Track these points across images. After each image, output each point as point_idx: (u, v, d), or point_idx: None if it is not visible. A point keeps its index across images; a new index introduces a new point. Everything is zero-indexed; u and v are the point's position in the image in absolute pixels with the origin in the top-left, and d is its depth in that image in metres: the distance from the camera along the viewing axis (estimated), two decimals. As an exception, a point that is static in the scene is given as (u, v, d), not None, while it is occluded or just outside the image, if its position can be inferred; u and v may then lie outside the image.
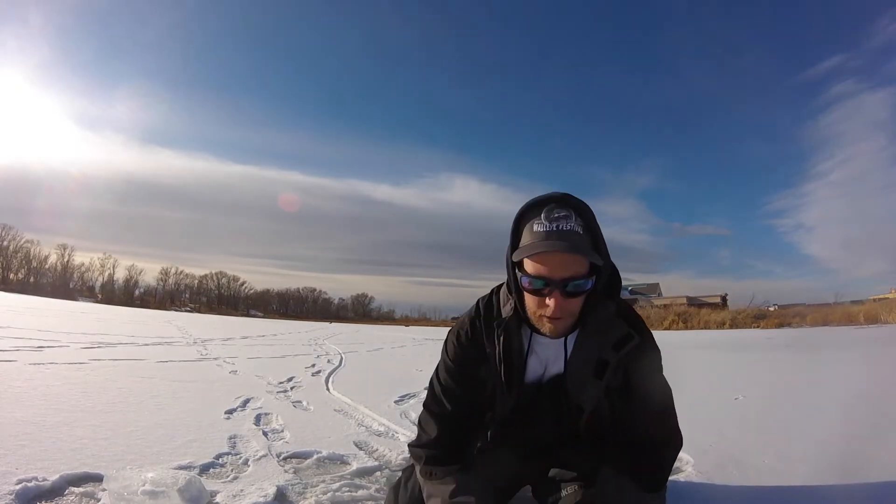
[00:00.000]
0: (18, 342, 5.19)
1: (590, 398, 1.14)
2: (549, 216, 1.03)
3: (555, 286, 1.02)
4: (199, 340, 8.16)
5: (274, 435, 2.19)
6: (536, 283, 1.04)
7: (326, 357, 6.43)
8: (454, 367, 1.24)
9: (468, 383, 1.23)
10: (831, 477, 1.61)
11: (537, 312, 1.08)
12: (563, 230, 1.02)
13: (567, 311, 1.05)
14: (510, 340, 1.17)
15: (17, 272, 67.27)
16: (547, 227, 1.02)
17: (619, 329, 1.13)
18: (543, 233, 1.02)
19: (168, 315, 27.09)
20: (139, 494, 1.32)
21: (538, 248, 1.01)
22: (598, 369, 1.12)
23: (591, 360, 1.13)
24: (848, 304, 21.65)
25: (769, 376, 4.78)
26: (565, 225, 1.02)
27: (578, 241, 1.02)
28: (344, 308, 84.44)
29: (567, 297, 1.03)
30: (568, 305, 1.04)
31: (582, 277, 1.03)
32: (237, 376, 4.11)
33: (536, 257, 1.02)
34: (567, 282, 1.02)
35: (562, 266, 1.01)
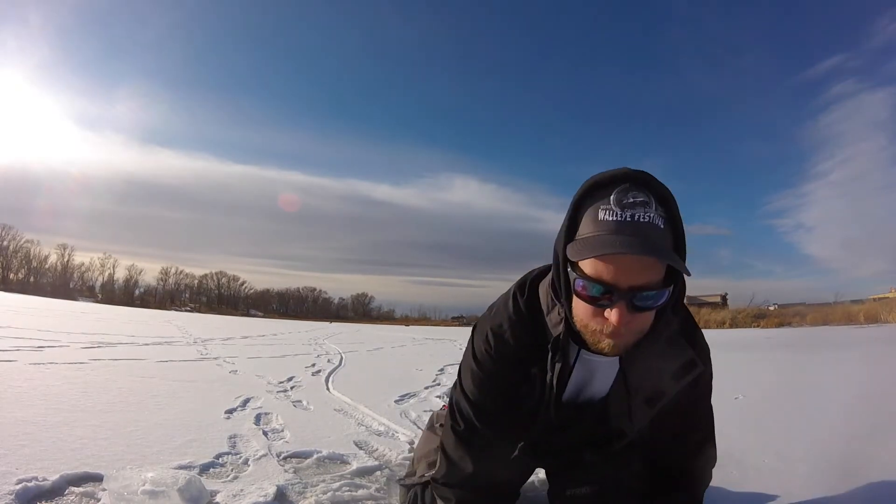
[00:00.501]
0: (18, 342, 5.19)
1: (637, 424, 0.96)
2: (622, 201, 0.77)
3: (620, 296, 0.77)
4: (199, 340, 8.16)
5: (274, 434, 2.19)
6: (595, 288, 0.78)
7: (326, 357, 6.43)
8: (489, 382, 1.00)
9: (507, 402, 1.00)
10: (831, 477, 1.61)
11: (591, 326, 0.82)
12: (640, 222, 0.76)
13: (632, 329, 0.81)
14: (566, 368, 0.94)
15: (17, 272, 67.31)
16: (619, 215, 0.76)
17: (682, 354, 0.92)
18: (613, 223, 0.76)
19: (168, 315, 27.09)
20: (139, 494, 1.32)
21: (606, 247, 0.75)
22: (652, 398, 0.93)
23: (646, 387, 0.93)
24: (848, 304, 21.62)
25: (769, 376, 4.78)
26: (643, 215, 0.76)
27: (659, 239, 0.76)
28: (344, 308, 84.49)
29: (634, 311, 0.78)
30: (634, 322, 0.80)
31: (656, 287, 0.78)
32: (237, 376, 4.11)
33: (598, 260, 0.77)
34: (637, 292, 0.77)
35: (633, 271, 0.76)
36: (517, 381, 0.98)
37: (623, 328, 0.79)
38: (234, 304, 78.41)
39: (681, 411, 0.97)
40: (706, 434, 1.08)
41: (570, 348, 0.94)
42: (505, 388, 1.00)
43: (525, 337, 0.97)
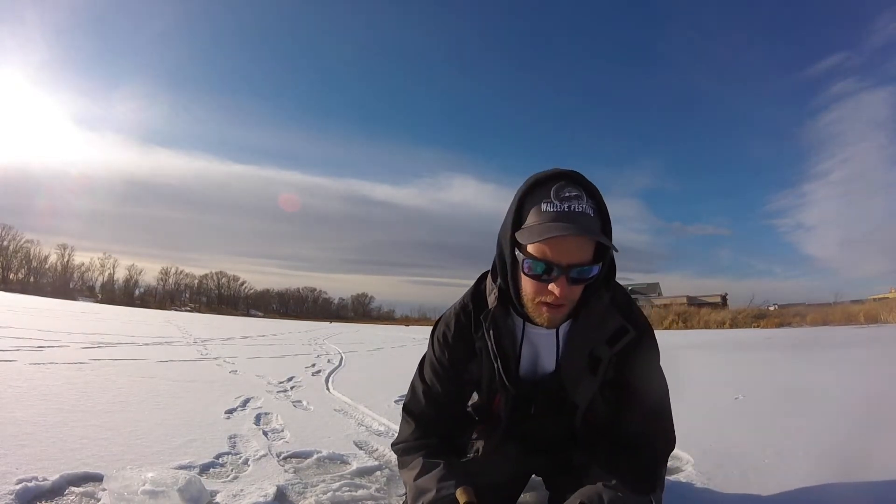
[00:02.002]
0: (18, 342, 5.19)
1: (584, 394, 1.08)
2: (560, 195, 0.94)
3: (560, 272, 0.94)
4: (199, 340, 8.16)
5: (274, 435, 2.18)
6: (539, 266, 0.95)
7: (326, 357, 6.43)
8: (440, 366, 1.17)
9: (455, 383, 1.17)
10: (831, 477, 1.61)
11: (536, 299, 0.99)
12: (575, 211, 0.93)
13: (569, 299, 0.99)
14: (500, 332, 1.09)
15: (17, 272, 67.34)
16: (558, 207, 0.94)
17: (614, 322, 1.05)
18: (554, 213, 0.94)
19: (168, 315, 27.10)
20: (139, 494, 1.32)
21: (551, 231, 0.92)
22: (592, 364, 1.06)
23: (584, 354, 1.06)
24: (848, 304, 21.63)
25: (769, 376, 4.78)
26: (577, 206, 0.94)
27: (591, 224, 0.94)
28: (344, 308, 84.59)
29: (572, 283, 0.96)
30: (571, 293, 0.97)
31: (588, 263, 0.96)
32: (237, 376, 4.11)
33: (542, 244, 0.94)
34: (573, 268, 0.94)
35: (570, 251, 0.94)
36: (465, 361, 1.15)
37: (562, 298, 0.97)
38: (234, 304, 78.44)
39: (626, 381, 1.09)
40: (658, 406, 1.11)
41: (513, 321, 1.10)
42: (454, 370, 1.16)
43: (468, 320, 1.13)
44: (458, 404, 1.20)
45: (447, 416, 1.19)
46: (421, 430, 1.18)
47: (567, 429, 1.15)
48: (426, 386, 1.19)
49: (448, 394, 1.18)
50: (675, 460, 1.87)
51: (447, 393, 1.17)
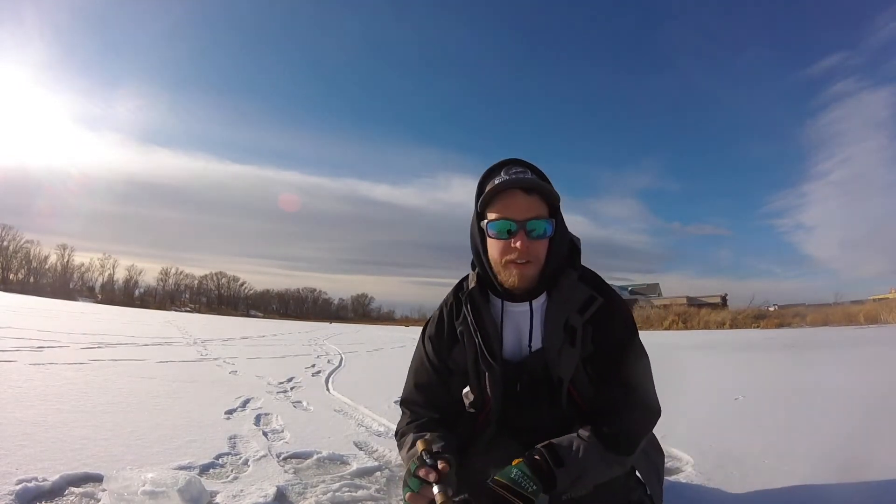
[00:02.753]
0: (18, 342, 5.19)
1: (566, 367, 1.10)
2: (508, 171, 1.12)
3: (519, 226, 1.08)
4: (199, 341, 8.16)
5: (274, 435, 2.19)
6: (501, 225, 1.09)
7: (326, 357, 6.43)
8: (425, 356, 1.25)
9: (441, 371, 1.23)
10: (831, 477, 1.61)
11: (503, 259, 1.10)
12: (522, 178, 1.10)
13: (533, 255, 1.09)
14: (479, 311, 1.16)
15: (17, 272, 67.35)
16: (506, 178, 1.10)
17: (582, 293, 1.13)
18: (502, 182, 1.09)
19: (168, 315, 27.10)
20: (139, 494, 1.32)
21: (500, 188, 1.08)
22: (569, 336, 1.10)
23: (560, 327, 1.11)
24: (848, 304, 21.60)
25: (769, 376, 4.78)
26: (523, 176, 1.11)
27: (537, 185, 1.09)
28: (344, 308, 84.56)
29: (532, 238, 1.08)
30: (533, 248, 1.08)
31: (544, 218, 1.09)
32: (237, 376, 4.11)
33: (499, 205, 1.09)
34: (530, 221, 1.08)
35: (522, 207, 1.08)
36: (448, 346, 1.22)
37: (525, 254, 1.07)
38: (234, 304, 78.43)
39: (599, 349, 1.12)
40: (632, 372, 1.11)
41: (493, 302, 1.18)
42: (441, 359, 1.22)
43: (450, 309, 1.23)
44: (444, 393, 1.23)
45: (437, 403, 1.23)
46: (414, 416, 1.24)
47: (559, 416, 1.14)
48: (415, 376, 1.27)
49: (433, 382, 1.23)
50: (675, 460, 1.88)
51: (432, 382, 1.23)
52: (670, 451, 1.93)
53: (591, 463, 1.00)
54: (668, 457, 1.88)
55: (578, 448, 1.00)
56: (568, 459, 0.98)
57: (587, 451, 1.00)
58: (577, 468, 0.98)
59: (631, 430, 1.07)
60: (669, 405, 1.17)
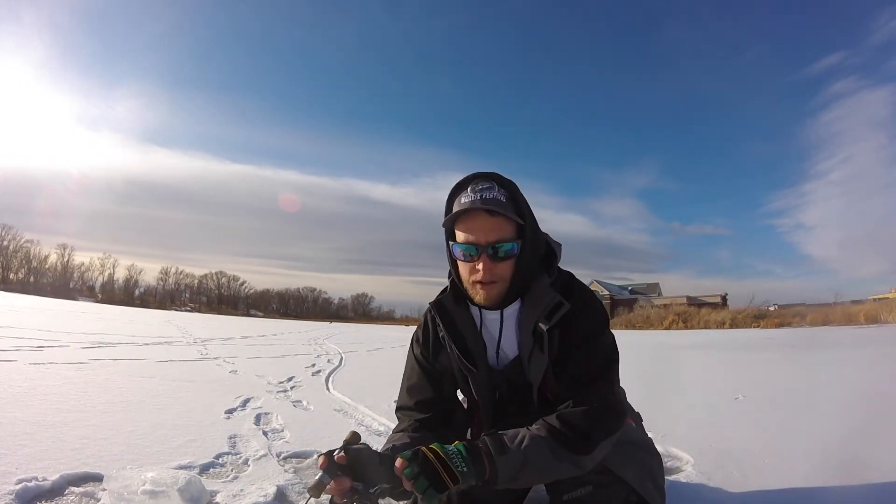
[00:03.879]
0: (18, 342, 5.19)
1: (536, 372, 1.11)
2: (474, 189, 1.09)
3: (482, 250, 1.08)
4: (199, 340, 8.17)
5: (274, 435, 2.19)
6: (465, 249, 1.09)
7: (326, 357, 6.43)
8: (415, 360, 1.28)
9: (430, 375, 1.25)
10: (831, 477, 1.61)
11: (469, 279, 1.12)
12: (487, 198, 1.07)
13: (497, 276, 1.09)
14: (451, 319, 1.19)
15: (17, 272, 67.35)
16: (472, 197, 1.08)
17: (551, 299, 1.11)
18: (468, 202, 1.07)
19: (168, 315, 27.10)
20: (139, 494, 1.32)
21: (461, 208, 1.07)
22: (538, 342, 1.11)
23: (529, 332, 1.12)
24: (848, 304, 21.57)
25: (769, 376, 4.78)
26: (488, 194, 1.07)
27: (500, 206, 1.07)
28: (344, 308, 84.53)
29: (496, 261, 1.08)
30: (497, 269, 1.09)
31: (508, 240, 1.08)
32: (237, 376, 4.11)
33: (464, 226, 1.09)
34: (493, 244, 1.07)
35: (487, 230, 1.07)
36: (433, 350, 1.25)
37: (489, 275, 1.08)
38: (234, 304, 78.41)
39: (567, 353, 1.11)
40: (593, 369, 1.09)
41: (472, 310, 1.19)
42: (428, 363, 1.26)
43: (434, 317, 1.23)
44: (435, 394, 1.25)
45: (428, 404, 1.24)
46: (404, 420, 1.25)
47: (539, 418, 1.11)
48: (406, 381, 1.29)
49: (423, 385, 1.25)
50: (675, 460, 1.88)
51: (422, 384, 1.25)
52: (670, 451, 1.92)
53: (536, 455, 0.97)
54: (668, 456, 1.88)
55: (524, 438, 0.99)
56: (510, 449, 0.96)
57: (533, 443, 0.98)
58: (520, 458, 0.96)
59: (584, 427, 1.01)
60: (670, 405, 1.18)
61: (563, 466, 1.00)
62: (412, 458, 0.91)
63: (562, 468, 1.01)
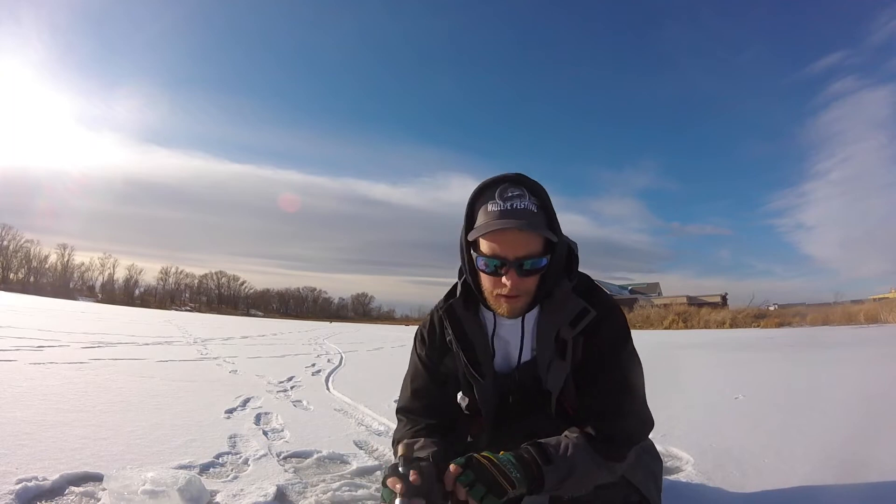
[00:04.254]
0: (18, 342, 5.19)
1: (555, 380, 1.09)
2: (503, 195, 1.03)
3: (510, 265, 1.02)
4: (199, 340, 8.16)
5: (274, 434, 2.19)
6: (492, 262, 1.03)
7: (326, 356, 6.43)
8: (419, 362, 1.25)
9: (434, 378, 1.22)
10: (831, 477, 1.61)
11: (494, 292, 1.07)
12: (517, 209, 1.01)
13: (523, 290, 1.05)
14: (461, 324, 1.15)
15: (17, 272, 67.37)
16: (501, 206, 1.02)
17: (575, 305, 1.09)
18: (498, 212, 1.02)
19: (168, 314, 27.09)
20: (139, 494, 1.32)
21: (493, 227, 1.00)
22: (560, 349, 1.08)
23: (551, 340, 1.09)
24: (848, 304, 21.52)
25: (769, 376, 4.78)
26: (519, 204, 1.02)
27: (533, 218, 1.02)
28: (344, 307, 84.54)
29: (523, 275, 1.03)
30: (523, 284, 1.04)
31: (537, 256, 1.03)
32: (237, 376, 4.11)
33: (491, 237, 1.02)
34: (522, 260, 1.02)
35: (517, 245, 1.01)
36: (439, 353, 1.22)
37: (515, 290, 1.04)
38: (234, 303, 78.42)
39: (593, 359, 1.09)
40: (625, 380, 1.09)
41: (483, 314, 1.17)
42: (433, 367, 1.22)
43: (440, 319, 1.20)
44: (442, 398, 1.22)
45: (434, 409, 1.21)
46: (410, 423, 1.21)
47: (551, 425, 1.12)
48: (411, 383, 1.25)
49: (429, 388, 1.22)
50: (675, 460, 1.88)
51: (428, 387, 1.22)
52: (670, 451, 1.93)
53: (579, 463, 0.98)
54: (669, 456, 1.89)
55: (567, 447, 0.99)
56: (556, 458, 0.96)
57: (575, 452, 0.99)
58: (566, 467, 0.96)
59: (621, 437, 1.04)
60: (670, 404, 1.18)
61: (601, 474, 1.02)
62: (466, 464, 0.90)
63: (600, 476, 1.02)
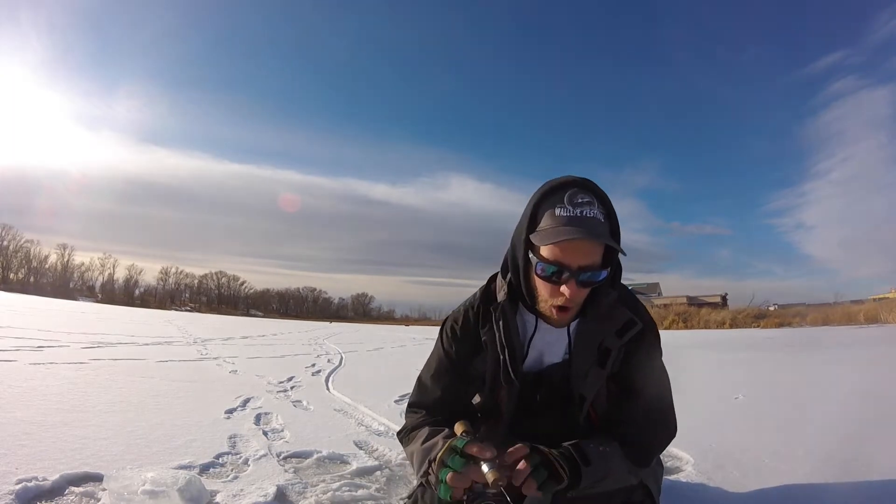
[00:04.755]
0: (18, 342, 5.19)
1: (591, 386, 1.10)
2: (573, 201, 0.99)
3: (571, 275, 0.98)
4: (199, 340, 8.16)
5: (274, 434, 2.19)
6: (551, 269, 0.99)
7: (326, 356, 6.43)
8: (446, 359, 1.20)
9: (460, 376, 1.18)
10: (831, 477, 1.61)
11: (549, 301, 1.03)
12: (587, 217, 0.98)
13: (576, 301, 1.02)
14: (508, 325, 1.12)
15: (17, 272, 67.36)
16: (570, 212, 0.98)
17: (622, 316, 1.09)
18: (567, 217, 0.98)
19: (168, 315, 27.08)
20: (139, 494, 1.32)
21: (564, 234, 0.96)
22: (601, 357, 1.09)
23: (594, 347, 1.09)
24: (848, 304, 21.50)
25: (769, 376, 4.78)
26: (589, 212, 0.98)
27: (601, 229, 0.98)
28: (344, 308, 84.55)
29: (581, 286, 1.00)
30: (579, 295, 1.01)
31: (598, 268, 1.00)
32: (237, 376, 4.11)
33: (555, 246, 0.98)
34: (584, 271, 0.98)
35: (581, 254, 0.98)
36: (471, 355, 1.17)
37: (572, 301, 1.01)
38: (234, 303, 78.42)
39: (630, 370, 1.11)
40: (660, 394, 1.13)
41: (522, 316, 1.14)
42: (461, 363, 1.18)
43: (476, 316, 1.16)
44: (463, 397, 1.20)
45: (451, 406, 1.19)
46: (429, 416, 1.19)
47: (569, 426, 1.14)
48: (433, 378, 1.21)
49: (454, 385, 1.19)
50: (675, 460, 1.88)
51: (453, 384, 1.19)
52: (670, 451, 1.93)
53: (613, 468, 1.00)
54: (669, 456, 1.89)
55: (605, 451, 1.00)
56: (595, 460, 0.97)
57: (612, 456, 1.01)
58: (603, 470, 0.98)
59: (652, 445, 1.09)
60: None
61: (629, 479, 1.05)
62: (532, 449, 0.93)
63: (628, 480, 1.05)
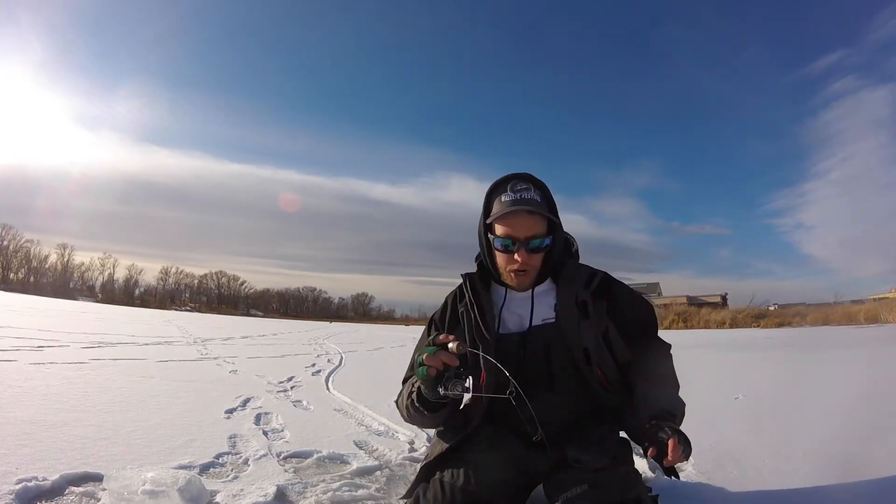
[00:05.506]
0: (18, 342, 5.19)
1: (587, 337, 1.25)
2: (514, 188, 1.28)
3: (521, 244, 1.26)
4: (199, 340, 8.16)
5: (274, 434, 2.19)
6: (505, 241, 1.27)
7: (326, 356, 6.43)
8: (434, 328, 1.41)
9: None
10: (831, 476, 1.61)
11: (507, 268, 1.30)
12: (525, 198, 1.25)
13: (531, 266, 1.28)
14: (478, 292, 1.34)
15: (17, 272, 67.37)
16: (512, 196, 1.26)
17: (585, 271, 1.34)
18: (510, 201, 1.26)
19: (168, 314, 27.09)
20: (139, 494, 1.32)
21: (506, 210, 1.25)
22: (582, 310, 1.27)
23: (573, 303, 1.28)
24: (848, 304, 21.50)
25: (769, 376, 4.78)
26: (527, 195, 1.26)
27: (537, 205, 1.26)
28: (344, 307, 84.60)
29: (531, 252, 1.27)
30: (532, 260, 1.28)
31: (542, 236, 1.27)
32: (237, 376, 4.11)
33: (504, 220, 1.26)
34: (530, 240, 1.26)
35: (525, 226, 1.25)
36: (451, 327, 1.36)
37: (524, 265, 1.27)
38: (234, 303, 78.43)
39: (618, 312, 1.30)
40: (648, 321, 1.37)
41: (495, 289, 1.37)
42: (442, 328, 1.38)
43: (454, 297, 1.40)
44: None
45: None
46: None
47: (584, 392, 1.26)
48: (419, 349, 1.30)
49: None
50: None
51: None
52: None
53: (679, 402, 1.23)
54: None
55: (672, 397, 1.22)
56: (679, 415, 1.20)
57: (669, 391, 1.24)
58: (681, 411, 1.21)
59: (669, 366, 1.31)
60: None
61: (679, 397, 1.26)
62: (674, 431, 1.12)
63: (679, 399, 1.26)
